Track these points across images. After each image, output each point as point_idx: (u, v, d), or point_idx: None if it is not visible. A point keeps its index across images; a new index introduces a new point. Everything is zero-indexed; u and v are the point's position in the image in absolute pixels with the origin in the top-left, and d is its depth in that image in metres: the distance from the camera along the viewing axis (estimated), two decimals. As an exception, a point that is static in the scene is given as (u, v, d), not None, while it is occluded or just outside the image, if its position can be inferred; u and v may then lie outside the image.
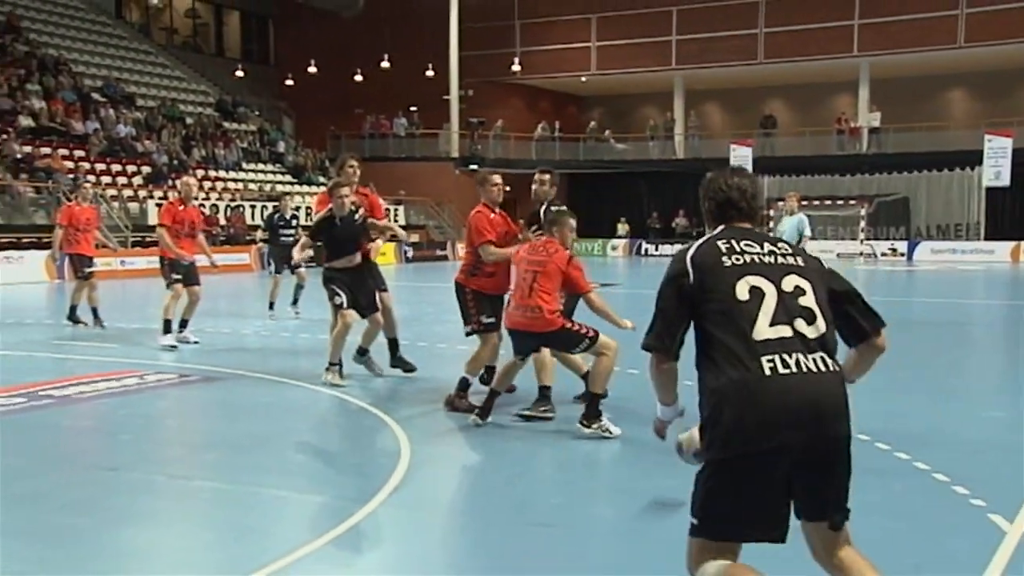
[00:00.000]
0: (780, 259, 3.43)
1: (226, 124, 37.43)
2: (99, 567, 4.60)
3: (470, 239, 8.15)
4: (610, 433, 6.87)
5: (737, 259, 3.38)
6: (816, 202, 33.63)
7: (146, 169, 30.87)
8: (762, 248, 3.44)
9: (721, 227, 3.55)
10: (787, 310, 3.30)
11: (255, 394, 8.90)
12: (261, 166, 36.44)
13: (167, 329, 11.59)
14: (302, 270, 14.30)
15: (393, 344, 9.61)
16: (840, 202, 37.42)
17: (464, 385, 7.86)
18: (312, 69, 42.97)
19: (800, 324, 3.29)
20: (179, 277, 11.68)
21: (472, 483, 6.41)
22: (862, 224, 37.31)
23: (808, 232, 15.53)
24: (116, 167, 30.09)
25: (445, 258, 35.61)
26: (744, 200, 3.58)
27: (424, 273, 27.83)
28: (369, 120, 41.33)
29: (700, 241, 3.49)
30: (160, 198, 27.38)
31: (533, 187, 8.20)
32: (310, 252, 10.05)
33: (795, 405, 3.17)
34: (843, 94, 40.74)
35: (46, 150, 28.74)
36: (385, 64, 41.06)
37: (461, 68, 39.38)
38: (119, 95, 34.10)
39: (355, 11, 43.18)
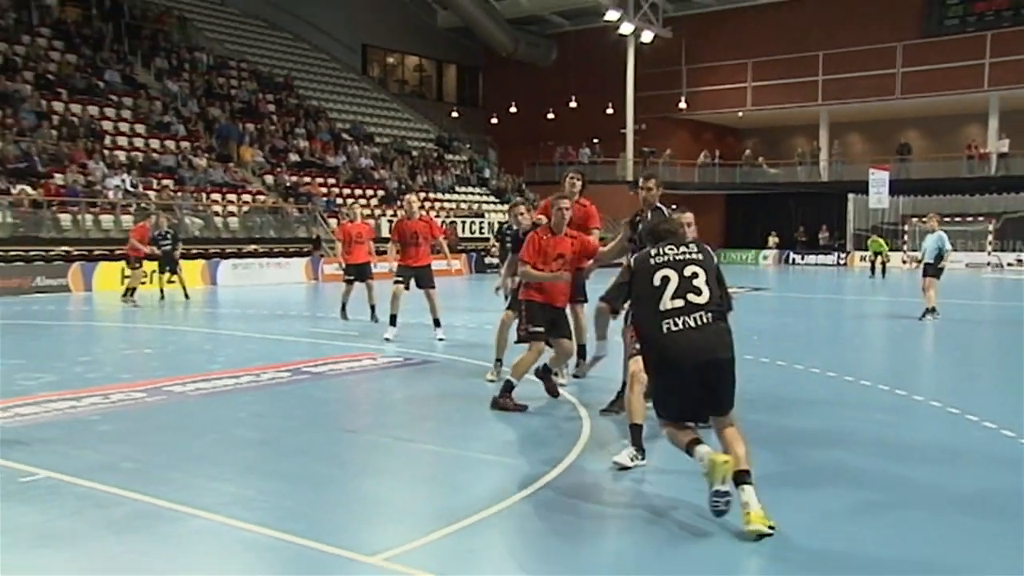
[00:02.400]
0: (686, 256, 4.69)
1: (443, 156, 38.46)
2: (348, 509, 4.88)
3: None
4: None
5: (657, 259, 4.70)
6: (947, 219, 31.54)
7: (380, 192, 32.07)
8: (677, 250, 4.72)
9: (657, 243, 4.82)
10: (684, 289, 4.56)
11: (463, 376, 9.06)
12: (470, 189, 37.21)
13: (392, 323, 11.56)
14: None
15: (579, 350, 8.60)
16: (970, 219, 35.22)
17: (508, 387, 7.26)
18: (513, 109, 43.62)
19: (691, 296, 4.55)
20: (401, 280, 11.45)
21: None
22: (990, 238, 35.15)
23: (948, 247, 14.85)
24: (358, 191, 31.39)
25: (620, 264, 35.42)
26: (671, 229, 4.91)
27: (605, 278, 27.72)
28: (559, 150, 41.58)
29: (641, 253, 4.86)
30: (391, 215, 28.41)
31: (641, 194, 6.97)
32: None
33: (684, 348, 4.47)
34: (973, 124, 38.06)
35: (307, 179, 30.26)
36: (572, 104, 41.24)
37: (636, 106, 39.04)
38: (362, 134, 35.53)
39: (549, 62, 43.58)
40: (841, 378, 8.96)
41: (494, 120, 45.73)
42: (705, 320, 4.51)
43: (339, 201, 29.51)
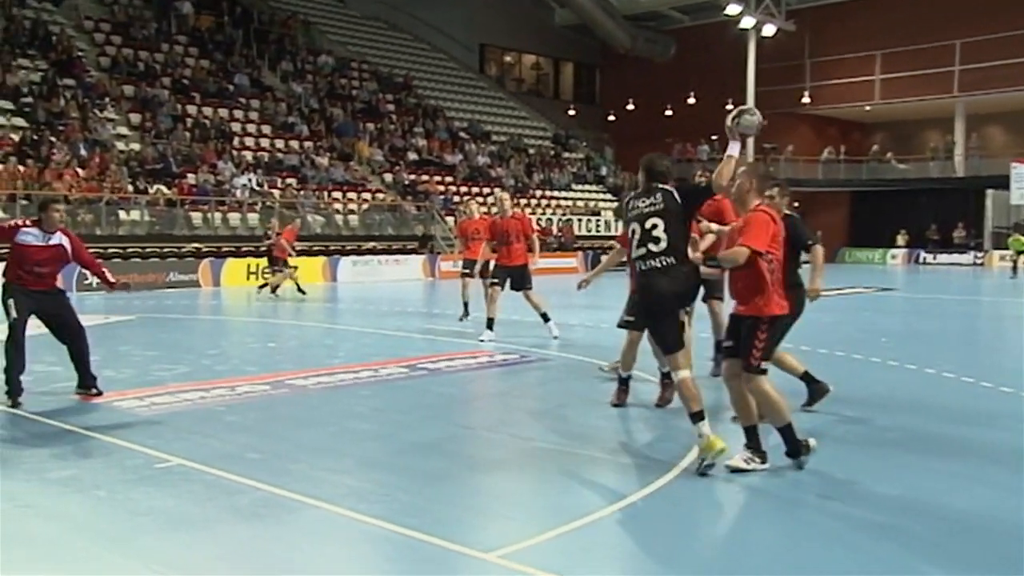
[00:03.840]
0: (648, 208, 5.53)
1: (560, 153, 38.48)
2: (463, 505, 4.91)
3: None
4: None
5: (630, 213, 5.65)
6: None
7: (497, 190, 32.29)
8: (643, 202, 5.58)
9: (639, 188, 5.71)
10: (644, 240, 5.51)
11: (580, 374, 9.01)
12: (587, 187, 37.10)
13: (488, 326, 11.27)
14: None
15: (717, 346, 8.22)
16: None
17: (621, 381, 7.27)
18: (630, 106, 43.27)
19: (651, 245, 5.48)
20: (496, 281, 11.31)
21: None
22: None
23: None
24: (475, 189, 31.72)
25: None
26: (662, 170, 5.66)
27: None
28: (676, 147, 40.97)
29: (624, 201, 5.81)
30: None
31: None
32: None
33: (648, 283, 5.52)
34: None
35: (425, 177, 30.80)
36: (691, 100, 40.61)
37: (757, 101, 38.02)
38: (479, 133, 35.90)
39: (667, 57, 43.04)
40: (978, 384, 8.51)
41: (611, 117, 45.48)
42: (663, 264, 5.46)
43: (456, 199, 29.89)
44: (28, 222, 7.58)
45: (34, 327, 7.64)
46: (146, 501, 4.85)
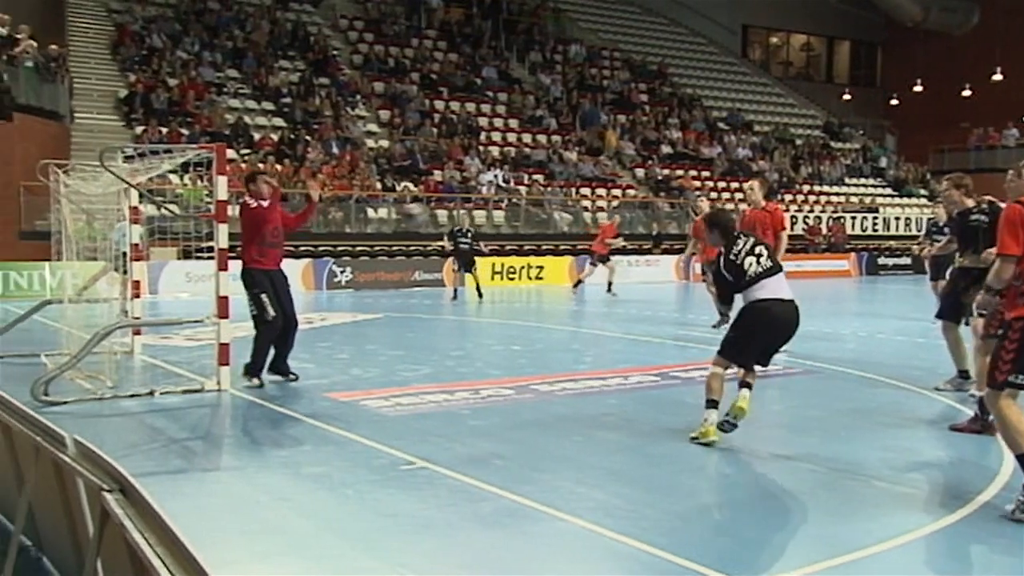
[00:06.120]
0: (748, 245, 6.50)
1: (831, 144, 36.90)
2: (716, 526, 4.84)
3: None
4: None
5: (741, 258, 6.43)
6: None
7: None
8: (738, 246, 6.50)
9: (725, 241, 6.58)
10: (768, 262, 6.49)
11: (851, 388, 8.70)
12: (862, 180, 35.32)
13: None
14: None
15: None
16: None
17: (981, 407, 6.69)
18: (917, 88, 40.57)
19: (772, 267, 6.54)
20: None
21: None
22: None
23: None
24: (734, 184, 31.06)
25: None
26: (732, 225, 6.75)
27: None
28: (976, 133, 37.98)
29: (725, 257, 6.51)
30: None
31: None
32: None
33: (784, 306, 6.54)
34: None
35: (679, 172, 30.57)
36: (997, 76, 37.44)
37: (1088, 72, 34.38)
38: (739, 123, 35.15)
39: (967, 28, 39.94)
40: None
41: (894, 101, 42.96)
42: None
43: (713, 195, 29.43)
44: (247, 197, 8.59)
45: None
46: (392, 503, 5.16)
